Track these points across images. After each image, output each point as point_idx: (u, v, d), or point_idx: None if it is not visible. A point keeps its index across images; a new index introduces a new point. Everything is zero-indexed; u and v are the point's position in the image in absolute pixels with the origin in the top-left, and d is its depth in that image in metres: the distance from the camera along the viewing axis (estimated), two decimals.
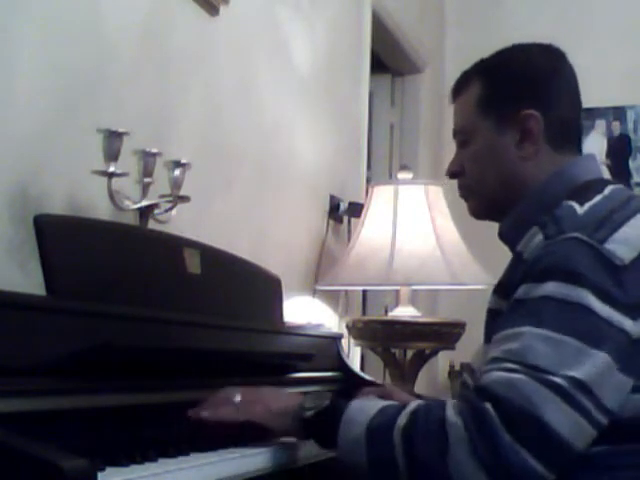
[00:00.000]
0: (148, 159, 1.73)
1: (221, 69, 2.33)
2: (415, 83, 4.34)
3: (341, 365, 2.13)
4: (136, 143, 1.71)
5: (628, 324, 1.24)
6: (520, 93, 1.48)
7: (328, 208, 3.07)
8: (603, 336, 1.23)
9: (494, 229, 1.53)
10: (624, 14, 4.38)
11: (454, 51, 4.50)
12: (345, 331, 2.92)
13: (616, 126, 4.44)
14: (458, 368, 4.11)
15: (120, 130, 1.62)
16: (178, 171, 1.78)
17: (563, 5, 4.46)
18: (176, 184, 1.78)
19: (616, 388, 1.24)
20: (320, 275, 2.96)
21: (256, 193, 2.52)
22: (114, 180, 1.64)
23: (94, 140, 1.63)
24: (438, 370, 4.31)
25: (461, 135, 1.55)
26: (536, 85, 1.49)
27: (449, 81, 1.59)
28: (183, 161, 1.78)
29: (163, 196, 1.78)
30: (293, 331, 2.01)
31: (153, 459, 1.16)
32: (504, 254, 1.53)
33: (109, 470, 1.07)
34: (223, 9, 2.27)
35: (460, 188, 1.57)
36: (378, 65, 3.95)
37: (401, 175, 3.06)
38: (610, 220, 1.31)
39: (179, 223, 1.87)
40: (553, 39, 1.55)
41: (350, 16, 3.33)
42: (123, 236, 1.58)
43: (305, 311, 2.80)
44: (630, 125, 4.42)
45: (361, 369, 3.29)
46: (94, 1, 1.81)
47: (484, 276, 2.87)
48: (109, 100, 1.84)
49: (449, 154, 1.59)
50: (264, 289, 2.01)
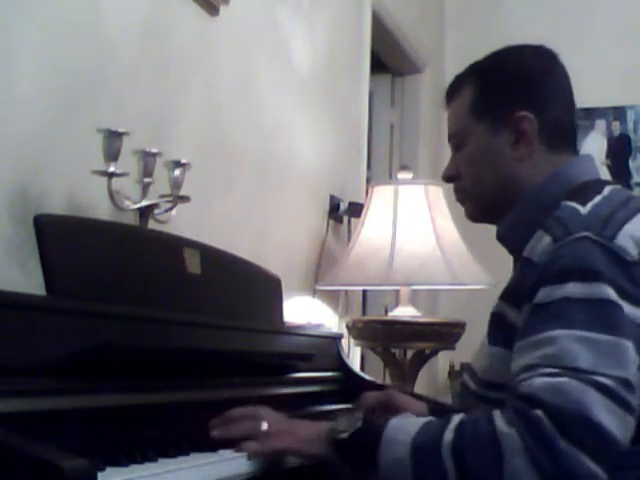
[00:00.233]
0: (148, 159, 1.73)
1: (221, 69, 2.33)
2: (415, 83, 4.34)
3: (341, 365, 2.13)
4: (136, 143, 1.71)
5: None
6: (513, 95, 1.48)
7: (328, 208, 3.07)
8: (629, 329, 1.23)
9: (494, 229, 1.53)
10: (624, 14, 4.38)
11: (454, 51, 4.50)
12: (345, 331, 2.92)
13: (616, 126, 4.44)
14: (458, 368, 4.11)
15: (120, 130, 1.62)
16: (178, 171, 1.78)
17: (563, 5, 4.46)
18: (176, 184, 1.78)
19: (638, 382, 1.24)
20: (320, 275, 2.96)
21: (256, 193, 2.52)
22: (114, 180, 1.64)
23: (94, 140, 1.63)
24: (438, 370, 4.31)
25: (456, 139, 1.55)
26: (529, 86, 1.48)
27: (449, 81, 1.59)
28: (183, 161, 1.79)
29: (163, 196, 1.78)
30: (293, 331, 2.01)
31: (153, 459, 1.16)
32: (504, 254, 1.53)
33: (109, 470, 1.07)
34: (223, 9, 2.28)
35: (456, 192, 1.57)
36: (378, 65, 3.95)
37: (401, 175, 3.06)
38: (613, 219, 1.31)
39: (179, 223, 1.87)
40: (553, 39, 1.55)
41: (350, 16, 3.33)
42: (123, 236, 1.58)
43: (305, 311, 2.80)
44: (630, 125, 4.42)
45: (361, 369, 3.29)
46: (94, 1, 1.81)
47: (484, 276, 2.88)
48: (109, 100, 1.84)
49: (449, 154, 1.59)
50: (264, 289, 2.01)
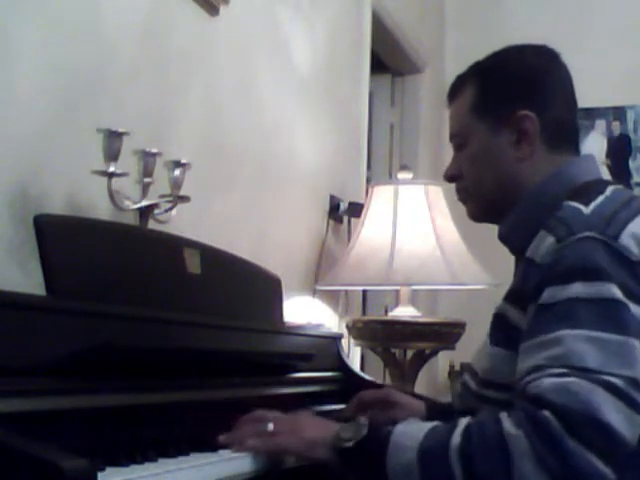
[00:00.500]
0: (148, 159, 1.73)
1: (221, 69, 2.33)
2: (415, 83, 4.34)
3: (341, 365, 2.13)
4: (136, 143, 1.71)
5: None
6: (515, 94, 1.48)
7: (328, 208, 3.07)
8: (636, 328, 1.23)
9: (494, 229, 1.53)
10: (624, 14, 4.38)
11: (454, 51, 4.50)
12: (345, 331, 2.92)
13: (616, 126, 4.44)
14: (458, 368, 4.11)
15: (120, 130, 1.62)
16: (178, 171, 1.78)
17: (563, 5, 4.46)
18: (176, 184, 1.78)
19: None
20: (320, 275, 2.96)
21: (256, 193, 2.52)
22: (114, 180, 1.64)
23: (94, 140, 1.63)
24: (438, 370, 4.31)
25: (458, 138, 1.55)
26: (531, 86, 1.48)
27: (449, 81, 1.59)
28: (183, 161, 1.79)
29: (163, 196, 1.78)
30: (293, 331, 2.01)
31: (153, 459, 1.16)
32: (504, 254, 1.53)
33: (109, 470, 1.07)
34: (223, 9, 2.27)
35: (458, 191, 1.57)
36: (378, 65, 3.95)
37: (401, 175, 3.06)
38: (616, 218, 1.31)
39: (179, 223, 1.87)
40: (553, 39, 1.55)
41: (350, 16, 3.33)
42: (123, 236, 1.58)
43: (305, 311, 2.80)
44: (630, 125, 4.42)
45: (361, 369, 3.29)
46: (94, 1, 1.81)
47: (484, 276, 2.87)
48: (109, 100, 1.84)
49: (449, 154, 1.59)
50: (264, 289, 2.01)
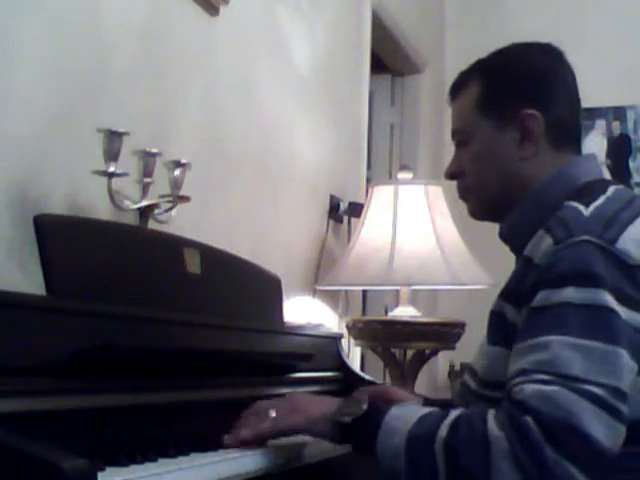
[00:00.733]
0: (148, 159, 1.73)
1: (221, 69, 2.33)
2: (415, 83, 4.34)
3: (341, 365, 2.13)
4: (136, 143, 1.71)
5: None
6: (520, 93, 1.47)
7: (328, 208, 3.07)
8: (626, 337, 1.22)
9: (494, 229, 1.53)
10: (624, 14, 4.38)
11: (454, 51, 4.50)
12: (345, 331, 2.92)
13: (616, 126, 4.44)
14: (458, 368, 4.11)
15: (120, 130, 1.62)
16: (178, 171, 1.78)
17: (563, 5, 4.45)
18: (176, 184, 1.78)
19: (636, 388, 1.24)
20: (320, 275, 2.96)
21: (256, 193, 2.52)
22: (114, 180, 1.64)
23: (94, 140, 1.63)
24: (438, 370, 4.31)
25: (460, 136, 1.54)
26: (537, 85, 1.48)
27: (449, 81, 1.59)
28: (183, 161, 1.79)
29: (163, 196, 1.78)
30: (293, 331, 2.01)
31: (153, 459, 1.16)
32: (504, 254, 1.53)
33: (109, 470, 1.07)
34: (223, 9, 2.27)
35: (459, 189, 1.56)
36: (378, 65, 3.95)
37: (401, 175, 3.06)
38: (616, 220, 1.30)
39: (179, 223, 1.87)
40: (553, 39, 1.54)
41: (350, 16, 3.33)
42: (123, 236, 1.57)
43: (305, 311, 2.80)
44: (630, 125, 4.42)
45: (361, 369, 3.29)
46: (94, 1, 1.81)
47: (484, 276, 2.87)
48: (109, 100, 1.84)
49: (449, 154, 1.58)
50: (264, 289, 2.01)
